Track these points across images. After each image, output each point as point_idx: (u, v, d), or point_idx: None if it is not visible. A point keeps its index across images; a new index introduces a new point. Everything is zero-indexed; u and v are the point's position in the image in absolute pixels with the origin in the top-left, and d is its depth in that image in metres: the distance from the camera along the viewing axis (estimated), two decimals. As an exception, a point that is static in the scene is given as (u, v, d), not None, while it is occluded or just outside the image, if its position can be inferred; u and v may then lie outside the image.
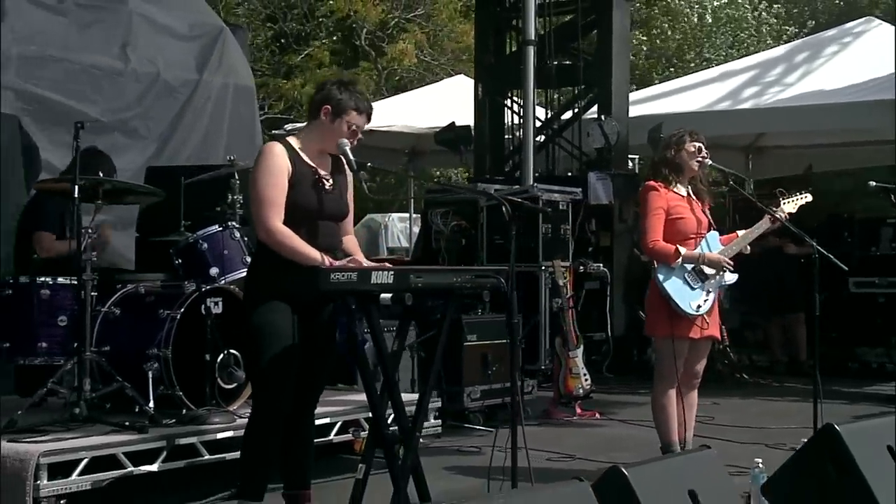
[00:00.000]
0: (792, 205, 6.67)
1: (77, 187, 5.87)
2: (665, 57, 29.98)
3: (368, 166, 5.30)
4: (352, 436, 6.58)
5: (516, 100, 12.37)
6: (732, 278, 6.51)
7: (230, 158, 6.76)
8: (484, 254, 10.88)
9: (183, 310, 6.18)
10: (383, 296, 4.41)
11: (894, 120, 10.73)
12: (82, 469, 5.40)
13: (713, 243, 6.49)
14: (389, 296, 4.40)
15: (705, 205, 6.58)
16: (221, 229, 6.50)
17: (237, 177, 6.61)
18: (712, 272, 6.38)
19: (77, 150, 6.05)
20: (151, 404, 6.02)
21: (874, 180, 8.84)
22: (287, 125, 15.50)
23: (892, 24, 13.86)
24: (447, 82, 17.38)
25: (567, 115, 12.69)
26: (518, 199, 5.07)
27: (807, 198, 6.74)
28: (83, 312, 5.97)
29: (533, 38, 11.68)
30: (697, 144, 6.51)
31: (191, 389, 6.19)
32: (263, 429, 4.84)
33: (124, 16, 9.70)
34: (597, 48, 12.59)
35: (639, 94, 14.40)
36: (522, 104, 11.93)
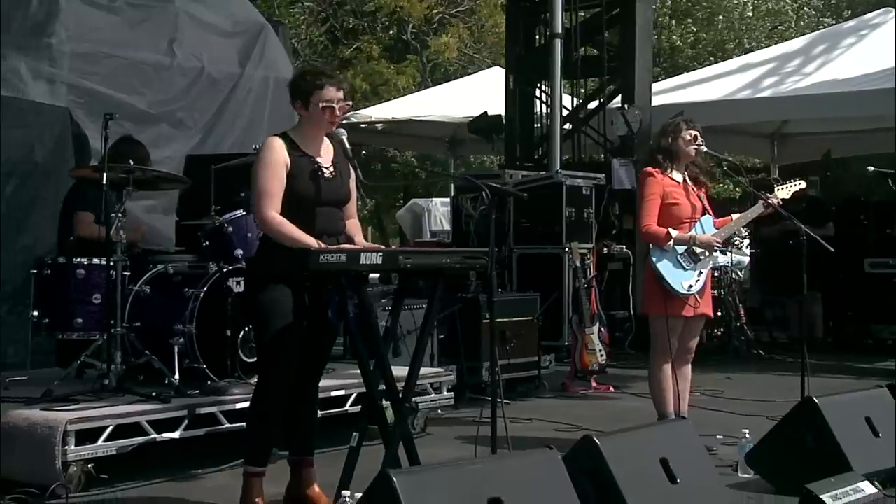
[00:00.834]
0: (785, 191, 6.70)
1: (105, 174, 5.99)
2: (707, 49, 29.70)
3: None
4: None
5: (545, 90, 12.38)
6: (724, 259, 6.54)
7: (256, 147, 6.84)
8: (511, 236, 10.94)
9: (206, 289, 6.27)
10: (372, 276, 4.49)
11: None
12: (108, 436, 5.52)
13: (707, 227, 6.50)
14: (377, 276, 4.47)
15: (701, 190, 6.58)
16: (246, 213, 6.61)
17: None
18: (703, 254, 6.38)
19: (106, 139, 6.16)
20: (177, 376, 6.14)
21: (872, 165, 8.77)
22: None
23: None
24: (484, 73, 17.36)
25: (593, 105, 12.68)
26: (497, 185, 5.07)
27: (800, 184, 6.75)
28: (114, 291, 6.11)
29: (560, 32, 11.74)
30: (693, 133, 6.50)
31: (214, 363, 6.29)
32: (268, 400, 4.89)
33: (171, 14, 9.78)
34: (620, 41, 12.57)
35: (662, 84, 14.33)
36: (550, 94, 11.96)
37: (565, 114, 12.24)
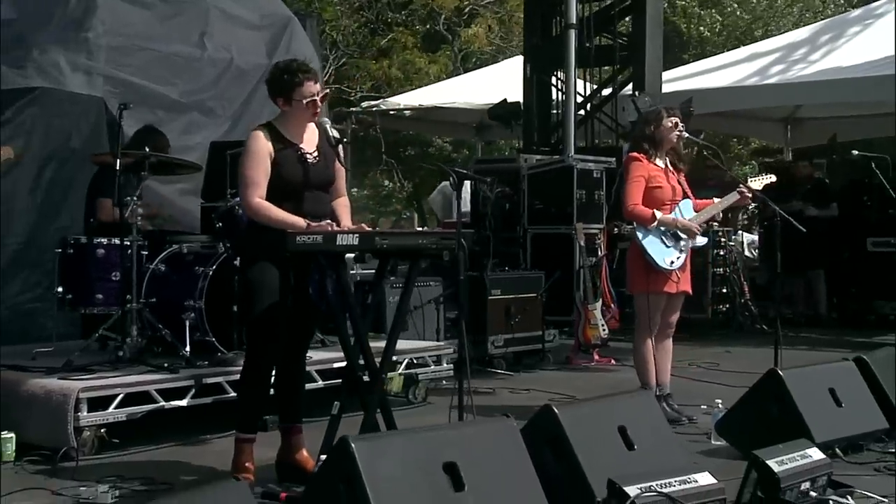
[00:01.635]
0: (758, 182, 6.86)
1: (119, 160, 6.13)
2: (735, 35, 29.40)
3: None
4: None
5: (561, 78, 12.36)
6: (703, 241, 6.63)
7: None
8: (525, 216, 11.00)
9: (215, 267, 6.39)
10: (347, 256, 4.57)
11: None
12: (118, 403, 5.67)
13: (686, 209, 6.58)
14: (352, 255, 4.55)
15: (681, 175, 6.66)
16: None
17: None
18: (684, 236, 6.48)
19: (120, 127, 6.29)
20: (188, 348, 6.27)
21: (856, 149, 8.74)
22: (363, 102, 15.82)
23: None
24: (508, 62, 17.33)
25: (606, 92, 12.67)
26: (463, 171, 5.12)
27: (771, 178, 6.95)
28: (129, 269, 6.25)
29: (574, 22, 11.71)
30: (674, 120, 6.56)
31: (223, 336, 6.42)
32: (255, 372, 4.97)
33: (202, 9, 9.86)
34: (631, 30, 12.56)
35: (673, 72, 14.24)
36: (565, 82, 11.96)
37: (580, 101, 12.23)
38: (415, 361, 7.26)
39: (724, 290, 11.58)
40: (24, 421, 5.59)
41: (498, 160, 12.45)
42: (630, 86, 12.19)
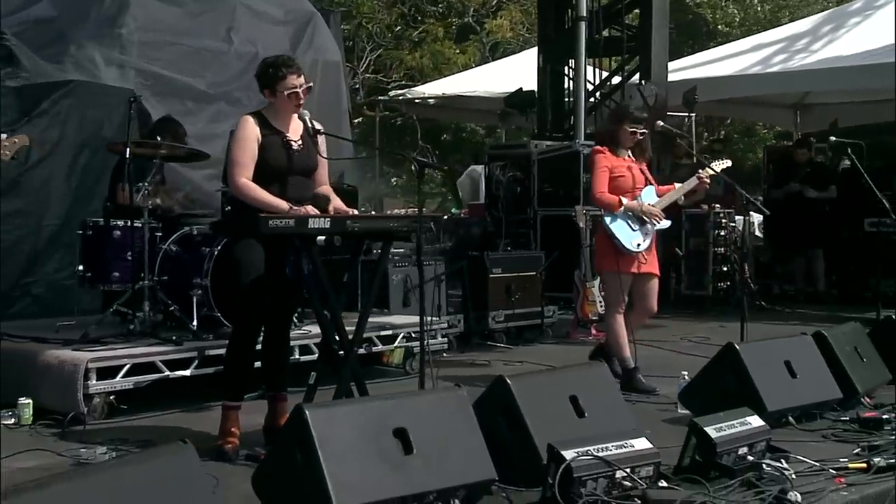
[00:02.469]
0: (717, 166, 6.84)
1: (128, 149, 6.29)
2: (761, 24, 29.05)
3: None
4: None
5: (572, 67, 12.38)
6: (666, 224, 6.71)
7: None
8: (535, 199, 11.07)
9: (220, 247, 6.52)
10: (319, 238, 4.68)
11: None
12: (125, 373, 5.84)
13: (648, 196, 6.69)
14: (323, 238, 4.66)
15: (642, 164, 6.78)
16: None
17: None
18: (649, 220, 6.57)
19: (130, 118, 6.45)
20: (195, 323, 6.42)
21: (834, 136, 8.69)
22: (391, 91, 15.86)
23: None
24: (527, 53, 17.32)
25: (615, 81, 12.67)
26: (425, 160, 5.19)
27: (727, 163, 6.95)
28: (142, 249, 6.42)
29: (584, 15, 11.75)
30: (634, 127, 6.66)
31: (228, 311, 6.55)
32: (240, 344, 5.07)
33: (229, 6, 9.98)
34: (639, 22, 12.53)
35: (680, 62, 14.19)
36: (575, 71, 12.01)
37: (590, 89, 12.25)
38: (413, 335, 7.35)
39: (725, 269, 11.57)
40: (39, 388, 5.79)
41: (510, 146, 12.49)
42: (637, 75, 12.16)
